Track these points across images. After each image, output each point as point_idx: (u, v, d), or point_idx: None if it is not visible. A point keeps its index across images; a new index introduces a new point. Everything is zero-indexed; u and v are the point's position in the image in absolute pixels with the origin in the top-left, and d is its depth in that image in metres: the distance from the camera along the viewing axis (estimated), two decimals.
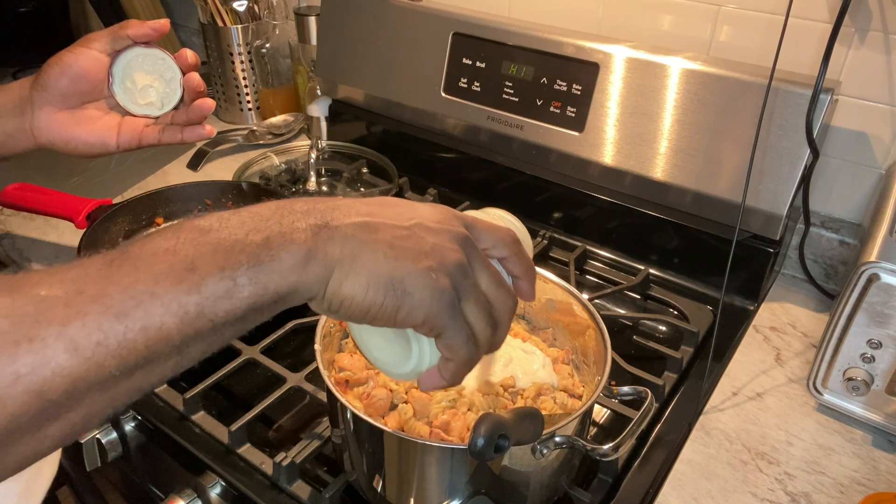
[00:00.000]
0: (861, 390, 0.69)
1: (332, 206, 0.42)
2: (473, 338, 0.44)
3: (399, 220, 0.43)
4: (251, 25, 1.31)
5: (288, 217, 0.40)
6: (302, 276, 0.39)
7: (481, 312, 0.44)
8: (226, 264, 0.37)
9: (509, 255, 0.47)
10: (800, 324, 0.88)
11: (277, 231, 0.39)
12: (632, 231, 0.97)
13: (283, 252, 0.38)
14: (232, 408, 0.76)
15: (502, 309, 0.45)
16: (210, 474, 0.68)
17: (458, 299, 0.42)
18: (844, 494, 0.65)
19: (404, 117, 1.14)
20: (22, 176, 1.11)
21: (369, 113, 1.19)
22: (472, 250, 0.44)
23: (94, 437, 0.75)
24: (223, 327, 0.37)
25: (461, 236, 0.44)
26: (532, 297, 0.50)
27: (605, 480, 0.66)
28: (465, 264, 0.43)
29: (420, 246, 0.42)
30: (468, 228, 0.45)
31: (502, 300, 0.45)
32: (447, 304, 0.42)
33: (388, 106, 1.15)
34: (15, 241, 0.99)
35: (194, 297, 0.35)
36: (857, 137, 0.88)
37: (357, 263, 0.40)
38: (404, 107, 1.13)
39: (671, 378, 0.78)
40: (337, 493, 0.64)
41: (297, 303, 0.40)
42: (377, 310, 0.41)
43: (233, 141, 1.27)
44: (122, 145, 0.80)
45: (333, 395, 0.57)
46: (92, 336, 0.33)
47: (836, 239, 0.92)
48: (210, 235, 0.37)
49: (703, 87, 0.86)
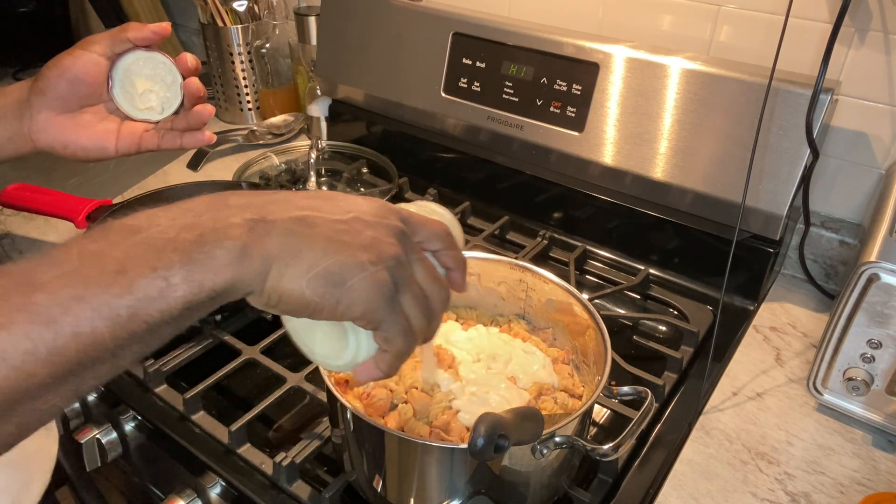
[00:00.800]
0: (861, 390, 0.69)
1: (269, 201, 0.42)
2: (410, 329, 0.44)
3: (337, 214, 0.43)
4: (251, 25, 1.31)
5: (222, 212, 0.40)
6: (238, 272, 0.38)
7: (418, 305, 0.44)
8: (157, 264, 0.36)
9: (442, 248, 0.48)
10: (800, 324, 0.88)
11: (211, 227, 0.38)
12: (632, 231, 0.97)
13: (217, 248, 0.38)
14: (232, 408, 0.76)
15: (437, 300, 0.46)
16: (210, 474, 0.68)
17: (396, 292, 0.43)
18: (844, 494, 0.65)
19: (404, 117, 1.14)
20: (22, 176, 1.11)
21: (369, 113, 1.19)
22: (409, 244, 0.45)
23: (94, 437, 0.75)
24: (159, 327, 0.37)
25: (398, 230, 0.44)
26: (464, 289, 0.50)
27: (605, 480, 0.66)
28: (402, 257, 0.43)
29: (358, 240, 0.42)
30: (404, 222, 0.46)
31: (437, 292, 0.46)
32: (386, 298, 0.42)
33: (387, 106, 1.15)
34: (15, 241, 0.99)
35: (126, 299, 0.35)
36: (857, 137, 0.88)
37: (296, 258, 0.40)
38: (404, 107, 1.13)
39: (671, 378, 0.78)
40: (337, 493, 0.64)
41: (234, 298, 0.40)
42: (317, 304, 0.41)
43: (233, 141, 1.27)
44: (120, 150, 0.79)
45: (333, 395, 0.57)
46: (19, 345, 0.32)
47: (836, 239, 0.92)
48: (140, 235, 0.37)
49: (703, 87, 0.86)
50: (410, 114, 1.13)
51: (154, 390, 0.76)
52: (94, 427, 0.76)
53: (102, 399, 0.80)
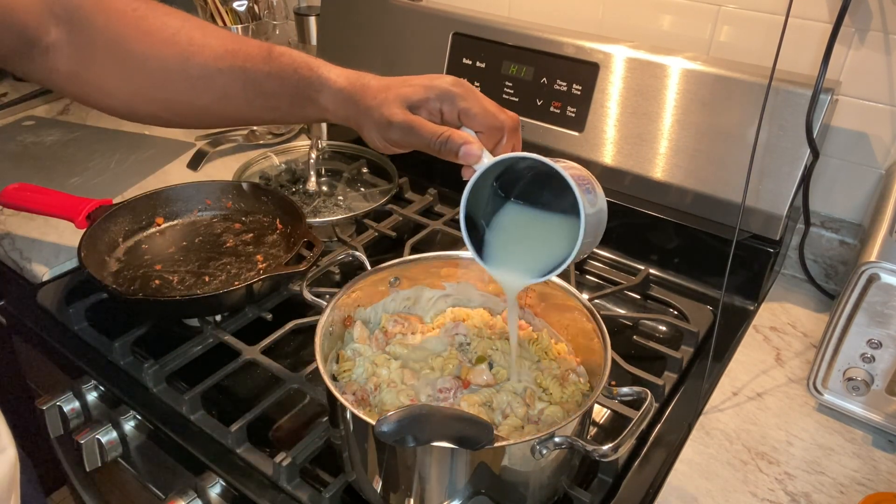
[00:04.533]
0: (861, 390, 0.69)
1: None
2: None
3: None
4: (251, 25, 1.31)
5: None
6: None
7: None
8: None
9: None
10: (800, 324, 0.88)
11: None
12: (632, 231, 0.97)
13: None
14: (232, 408, 0.76)
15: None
16: (210, 474, 0.68)
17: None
18: (844, 494, 0.65)
19: None
20: (22, 176, 1.11)
21: None
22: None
23: (94, 437, 0.75)
24: None
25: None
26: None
27: (605, 480, 0.66)
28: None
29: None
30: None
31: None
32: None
33: None
34: (15, 241, 0.99)
35: None
36: (857, 137, 0.88)
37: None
38: None
39: (671, 378, 0.78)
40: (337, 493, 0.64)
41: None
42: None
43: (233, 141, 1.27)
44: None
45: (333, 395, 0.57)
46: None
47: (836, 239, 0.92)
48: None
49: (703, 87, 0.86)
50: None
51: (154, 390, 0.76)
52: (94, 427, 0.76)
53: (102, 399, 0.80)
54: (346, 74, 0.64)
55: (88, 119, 1.38)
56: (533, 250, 0.61)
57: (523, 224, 0.62)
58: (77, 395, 0.80)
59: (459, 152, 0.59)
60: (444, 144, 0.59)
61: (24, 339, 0.95)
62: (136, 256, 0.91)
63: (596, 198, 0.57)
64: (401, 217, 1.06)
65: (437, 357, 0.70)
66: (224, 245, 0.93)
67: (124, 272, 0.88)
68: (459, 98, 0.61)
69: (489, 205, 0.63)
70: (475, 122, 0.61)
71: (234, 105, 0.68)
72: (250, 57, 0.66)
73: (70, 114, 1.40)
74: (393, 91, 0.62)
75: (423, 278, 0.75)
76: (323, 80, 0.64)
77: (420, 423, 0.51)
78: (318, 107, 0.65)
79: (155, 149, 1.27)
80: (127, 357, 0.80)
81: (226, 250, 0.92)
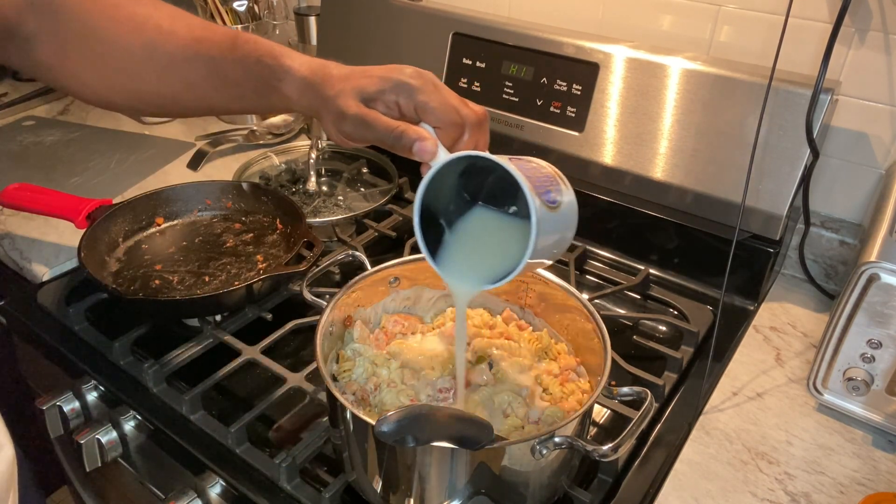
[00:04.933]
0: (861, 390, 0.69)
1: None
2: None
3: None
4: (251, 25, 1.31)
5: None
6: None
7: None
8: None
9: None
10: (800, 324, 0.88)
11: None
12: (632, 231, 0.97)
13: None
14: (232, 408, 0.76)
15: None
16: (210, 474, 0.68)
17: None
18: (844, 494, 0.65)
19: None
20: (22, 176, 1.11)
21: None
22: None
23: (94, 437, 0.75)
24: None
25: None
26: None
27: (605, 480, 0.66)
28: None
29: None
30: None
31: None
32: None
33: None
34: (15, 241, 0.99)
35: None
36: (857, 137, 0.88)
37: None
38: None
39: (671, 378, 0.78)
40: (337, 493, 0.64)
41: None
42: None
43: (233, 141, 1.27)
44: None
45: (333, 395, 0.57)
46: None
47: (836, 239, 0.92)
48: None
49: (703, 87, 0.86)
50: None
51: (154, 390, 0.76)
52: (94, 427, 0.76)
53: (102, 399, 0.80)
54: (308, 63, 0.64)
55: (88, 119, 1.38)
56: (490, 256, 0.57)
57: (486, 229, 0.58)
58: (77, 395, 0.80)
59: (413, 148, 0.56)
60: (398, 140, 0.57)
61: (24, 339, 0.95)
62: (136, 256, 0.91)
63: (560, 198, 0.54)
64: (401, 217, 1.06)
65: (437, 357, 0.70)
66: (224, 245, 0.93)
67: (124, 272, 0.88)
68: (417, 91, 0.59)
69: (453, 205, 0.59)
70: (433, 117, 0.58)
71: (200, 94, 0.68)
72: (216, 45, 0.65)
73: (70, 114, 1.41)
74: (351, 82, 0.61)
75: (423, 278, 0.75)
76: (286, 68, 0.63)
77: (420, 423, 0.51)
78: (282, 96, 0.64)
79: (155, 149, 1.27)
80: (127, 357, 0.80)
81: (226, 250, 0.92)
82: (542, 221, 0.50)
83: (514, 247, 0.53)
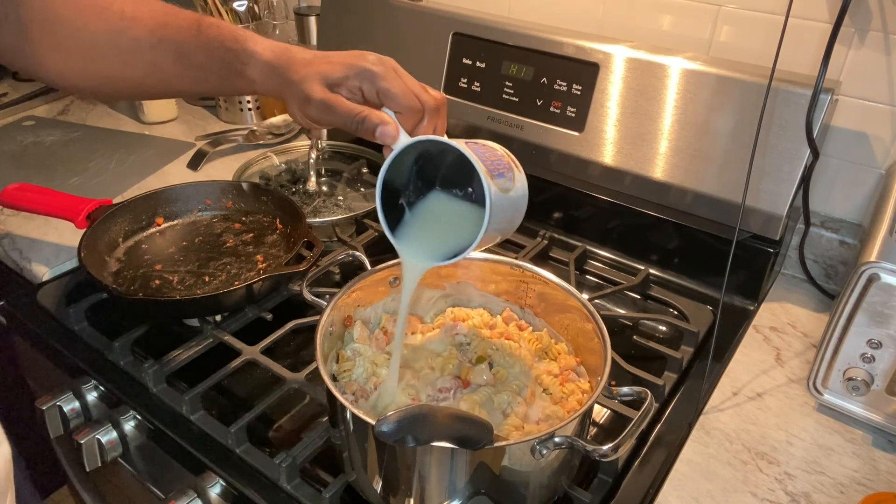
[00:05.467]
0: (861, 390, 0.69)
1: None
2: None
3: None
4: (251, 25, 1.31)
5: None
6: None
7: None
8: None
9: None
10: (800, 324, 0.88)
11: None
12: (632, 231, 0.97)
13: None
14: (232, 408, 0.76)
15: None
16: (210, 474, 0.68)
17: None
18: (844, 494, 0.65)
19: None
20: (22, 176, 1.11)
21: None
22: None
23: (94, 436, 0.75)
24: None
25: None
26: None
27: (605, 480, 0.66)
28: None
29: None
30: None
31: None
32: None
33: None
34: (15, 241, 0.99)
35: None
36: (857, 137, 0.88)
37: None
38: None
39: (671, 378, 0.78)
40: (337, 493, 0.64)
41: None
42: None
43: (233, 141, 1.27)
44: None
45: (333, 395, 0.57)
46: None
47: (836, 239, 0.92)
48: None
49: (703, 87, 0.86)
50: None
51: (154, 390, 0.76)
52: (94, 427, 0.76)
53: (102, 399, 0.80)
54: (272, 47, 0.65)
55: (88, 119, 1.38)
56: (444, 235, 0.61)
57: (443, 211, 0.62)
58: (77, 395, 0.80)
59: (376, 132, 0.59)
60: (361, 124, 0.60)
61: (24, 339, 0.95)
62: (136, 256, 0.91)
63: (512, 182, 0.57)
64: None
65: (437, 357, 0.70)
66: (224, 245, 0.93)
67: (124, 272, 0.88)
68: (379, 77, 0.61)
69: (412, 187, 0.63)
70: (394, 103, 0.61)
71: (165, 78, 0.69)
72: (180, 30, 0.66)
73: (70, 114, 1.41)
74: (314, 67, 0.62)
75: (423, 278, 0.75)
76: (249, 52, 0.65)
77: (420, 423, 0.51)
78: (246, 79, 0.66)
79: (155, 149, 1.27)
80: (127, 357, 0.80)
81: (226, 250, 0.92)
82: (496, 203, 0.54)
83: (467, 228, 0.57)
